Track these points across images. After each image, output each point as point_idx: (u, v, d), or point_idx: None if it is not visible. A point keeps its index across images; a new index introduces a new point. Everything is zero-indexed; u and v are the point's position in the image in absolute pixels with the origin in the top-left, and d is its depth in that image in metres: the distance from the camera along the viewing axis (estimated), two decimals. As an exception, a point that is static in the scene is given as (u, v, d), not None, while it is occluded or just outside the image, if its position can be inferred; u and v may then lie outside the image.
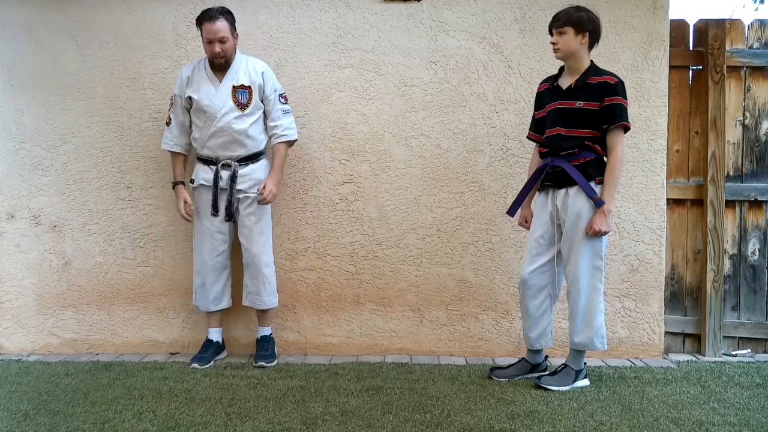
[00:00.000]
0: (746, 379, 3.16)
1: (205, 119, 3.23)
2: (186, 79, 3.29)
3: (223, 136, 3.23)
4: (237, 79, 3.24)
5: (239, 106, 3.23)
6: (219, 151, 3.26)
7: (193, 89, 3.25)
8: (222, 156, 3.27)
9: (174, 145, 3.35)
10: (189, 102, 3.28)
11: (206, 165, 3.31)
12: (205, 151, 3.29)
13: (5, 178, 3.64)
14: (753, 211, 3.69)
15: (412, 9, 3.55)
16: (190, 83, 3.27)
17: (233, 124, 3.22)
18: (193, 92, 3.25)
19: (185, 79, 3.29)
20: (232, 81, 3.24)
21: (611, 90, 2.88)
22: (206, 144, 3.26)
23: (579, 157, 2.93)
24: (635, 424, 2.52)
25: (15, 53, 3.62)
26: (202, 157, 3.32)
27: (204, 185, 3.31)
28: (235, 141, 3.25)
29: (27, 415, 2.61)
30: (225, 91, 3.23)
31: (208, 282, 3.35)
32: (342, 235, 3.59)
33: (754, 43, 3.67)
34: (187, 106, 3.29)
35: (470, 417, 2.57)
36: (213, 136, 3.24)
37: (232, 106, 3.22)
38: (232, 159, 3.27)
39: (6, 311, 3.66)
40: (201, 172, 3.32)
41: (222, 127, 3.22)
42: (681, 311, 3.70)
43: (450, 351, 3.59)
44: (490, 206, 3.57)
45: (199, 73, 3.28)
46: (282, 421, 2.51)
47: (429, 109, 3.57)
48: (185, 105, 3.29)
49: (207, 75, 3.26)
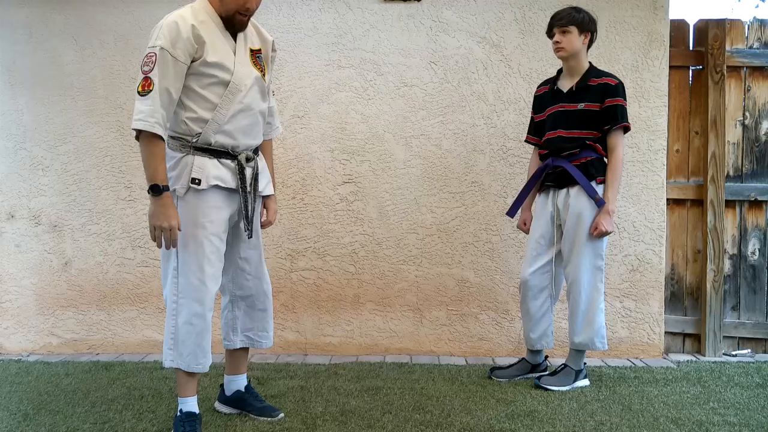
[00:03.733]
0: (746, 379, 3.16)
1: (227, 93, 2.27)
2: (191, 30, 2.18)
3: (248, 116, 2.34)
4: (252, 41, 2.39)
5: (263, 75, 2.40)
6: (241, 137, 2.33)
7: (209, 46, 2.22)
8: (243, 145, 2.34)
9: (158, 126, 2.15)
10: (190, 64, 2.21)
11: (217, 158, 2.31)
12: (220, 138, 2.29)
13: (5, 178, 3.64)
14: (753, 211, 3.69)
15: (412, 9, 3.56)
16: (198, 37, 2.20)
17: (258, 101, 2.37)
18: (209, 51, 2.22)
19: (190, 31, 2.18)
20: (247, 43, 2.36)
21: (612, 91, 2.89)
22: (224, 128, 2.28)
23: (580, 157, 2.94)
24: (635, 424, 2.52)
25: (15, 53, 3.62)
26: (211, 147, 2.30)
27: (221, 187, 2.31)
28: (257, 124, 2.39)
29: (27, 415, 2.61)
30: (244, 54, 2.33)
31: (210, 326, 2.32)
32: (342, 235, 3.59)
33: (754, 43, 3.67)
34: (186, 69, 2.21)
35: (470, 417, 2.57)
36: (235, 117, 2.30)
37: (258, 75, 2.35)
38: (251, 149, 2.39)
39: (6, 311, 3.66)
40: (212, 168, 2.29)
41: (248, 104, 2.32)
42: (681, 311, 3.70)
43: (450, 351, 3.59)
44: (490, 206, 3.57)
45: (208, 25, 2.25)
46: (282, 421, 2.51)
47: (429, 109, 3.58)
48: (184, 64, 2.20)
49: (220, 32, 2.29)
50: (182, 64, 2.18)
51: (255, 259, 2.50)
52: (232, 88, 2.27)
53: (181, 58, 2.17)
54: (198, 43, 2.20)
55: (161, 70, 2.15)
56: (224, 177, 2.30)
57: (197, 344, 2.28)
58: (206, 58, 2.21)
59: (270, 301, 2.59)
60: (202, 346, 2.29)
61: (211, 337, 2.32)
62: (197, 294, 2.26)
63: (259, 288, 2.53)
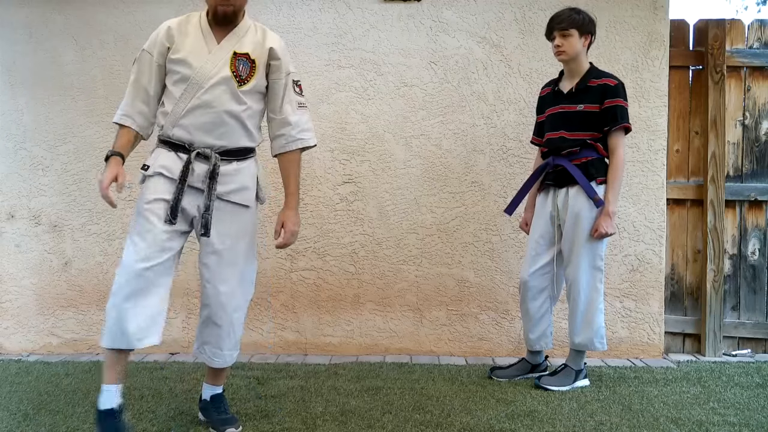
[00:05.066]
0: (746, 379, 3.16)
1: (186, 88, 2.31)
2: (166, 32, 2.35)
3: (207, 114, 2.31)
4: (241, 45, 2.36)
5: (238, 80, 2.33)
6: (197, 134, 2.32)
7: (178, 45, 2.33)
8: (199, 142, 2.33)
9: (125, 117, 2.36)
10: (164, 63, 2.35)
11: (172, 151, 2.35)
12: (177, 132, 2.33)
13: (5, 178, 3.64)
14: (753, 211, 3.69)
15: (412, 9, 3.56)
16: (171, 38, 2.34)
17: (224, 101, 2.32)
18: (176, 49, 2.33)
19: (164, 32, 2.35)
20: (234, 45, 2.35)
21: (611, 92, 2.88)
22: (180, 122, 2.32)
23: (581, 156, 2.93)
24: (635, 424, 2.52)
25: (15, 53, 3.62)
26: (169, 140, 2.35)
27: (164, 175, 2.33)
28: (222, 124, 2.33)
29: (27, 415, 2.61)
30: (223, 55, 2.33)
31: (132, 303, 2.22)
32: (342, 235, 3.59)
33: (754, 43, 3.67)
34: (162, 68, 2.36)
35: (470, 417, 2.57)
36: (192, 112, 2.31)
37: (228, 76, 2.31)
38: (212, 149, 2.33)
39: (6, 311, 3.66)
40: (162, 158, 2.35)
41: (208, 101, 2.30)
42: (681, 311, 3.70)
43: (450, 351, 3.59)
44: (490, 206, 3.57)
45: (189, 27, 2.37)
46: (282, 421, 2.51)
47: (429, 109, 3.58)
48: (157, 63, 2.34)
49: (202, 30, 2.36)
50: (156, 63, 2.35)
51: (213, 265, 2.36)
52: (191, 83, 2.30)
53: (155, 56, 2.35)
54: (169, 42, 2.34)
55: (138, 68, 2.38)
56: (171, 168, 2.33)
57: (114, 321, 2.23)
58: (171, 56, 2.33)
59: (229, 317, 2.37)
60: (119, 324, 2.22)
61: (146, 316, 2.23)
62: (121, 269, 2.26)
63: (215, 299, 2.36)
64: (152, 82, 2.36)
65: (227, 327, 2.38)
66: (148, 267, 2.24)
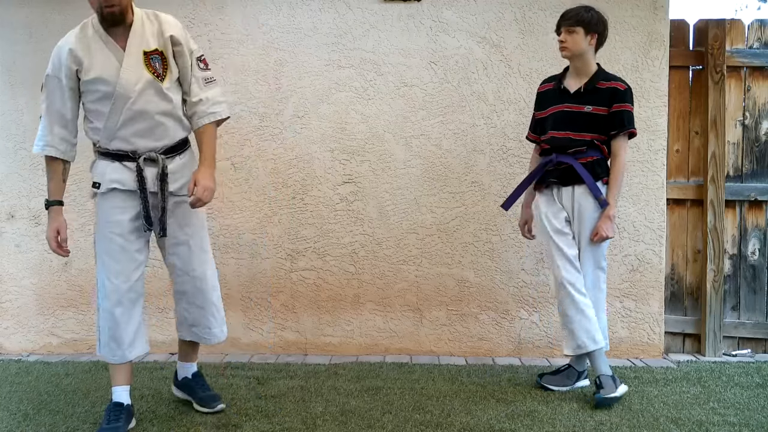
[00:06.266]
0: (746, 379, 3.16)
1: (114, 102, 2.34)
2: (69, 54, 2.33)
3: (143, 121, 2.38)
4: (147, 43, 2.38)
5: (158, 78, 2.38)
6: (138, 141, 2.39)
7: (87, 66, 2.33)
8: (143, 147, 2.40)
9: (48, 147, 2.40)
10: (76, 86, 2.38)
11: (118, 161, 2.41)
12: (116, 143, 2.40)
13: (5, 178, 3.64)
14: (753, 211, 3.69)
15: (412, 9, 3.56)
16: (77, 59, 2.33)
17: (155, 104, 2.38)
18: (87, 70, 2.33)
19: (67, 55, 2.33)
20: (141, 45, 2.37)
21: (620, 96, 2.84)
22: (117, 134, 2.38)
23: (587, 155, 2.88)
24: (635, 424, 2.53)
25: (15, 53, 3.62)
26: (111, 152, 2.42)
27: (119, 189, 2.41)
28: (159, 125, 2.41)
29: (27, 415, 2.61)
30: (135, 59, 2.35)
31: (123, 319, 2.41)
32: (342, 235, 3.59)
33: (754, 43, 3.67)
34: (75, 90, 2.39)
35: (470, 417, 2.57)
36: (128, 123, 2.37)
37: (150, 78, 2.36)
38: (156, 151, 2.42)
39: (6, 311, 3.66)
40: (111, 172, 2.42)
41: (141, 109, 2.35)
42: (681, 311, 3.70)
43: (450, 351, 3.59)
44: (490, 206, 3.56)
45: (89, 42, 2.35)
46: (282, 421, 2.51)
47: (429, 109, 3.58)
48: (69, 87, 2.36)
49: (102, 41, 2.36)
50: (68, 87, 2.36)
51: (184, 255, 2.52)
52: (117, 97, 2.34)
53: (64, 81, 2.35)
54: (77, 64, 2.34)
55: (48, 94, 2.38)
56: (123, 180, 2.41)
57: (111, 337, 2.42)
58: (83, 77, 2.34)
59: (208, 298, 2.57)
60: (116, 338, 2.41)
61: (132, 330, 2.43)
62: (104, 290, 2.41)
63: (191, 284, 2.54)
64: (67, 105, 2.38)
65: (210, 307, 2.58)
66: (130, 286, 2.42)
